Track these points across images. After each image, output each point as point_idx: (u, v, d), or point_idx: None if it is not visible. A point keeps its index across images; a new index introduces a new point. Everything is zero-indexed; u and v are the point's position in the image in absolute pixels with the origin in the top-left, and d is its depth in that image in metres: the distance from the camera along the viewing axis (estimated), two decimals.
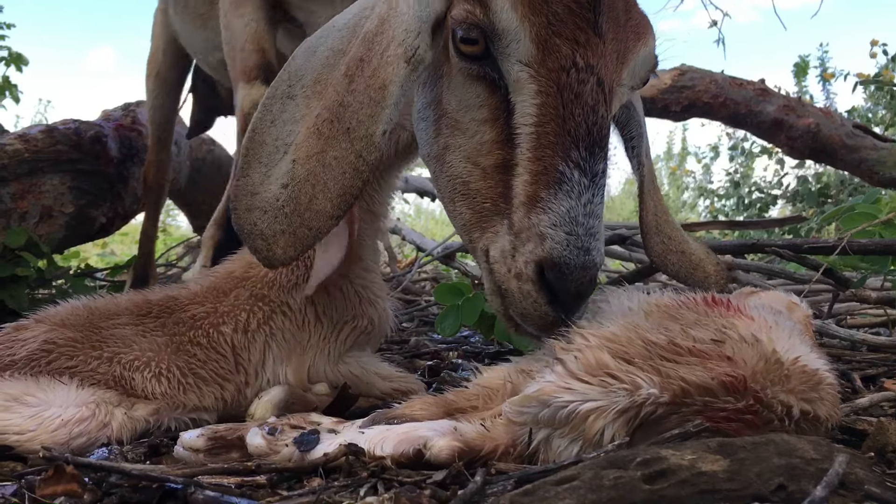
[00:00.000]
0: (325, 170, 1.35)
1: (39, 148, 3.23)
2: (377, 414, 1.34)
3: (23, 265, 2.75)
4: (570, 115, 1.32)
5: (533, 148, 1.34)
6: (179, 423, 1.53)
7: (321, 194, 1.34)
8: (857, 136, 4.86)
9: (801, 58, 9.44)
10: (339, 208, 1.35)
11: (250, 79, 2.35)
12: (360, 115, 1.35)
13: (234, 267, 1.75)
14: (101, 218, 3.57)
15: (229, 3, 2.43)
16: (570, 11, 1.32)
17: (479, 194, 1.41)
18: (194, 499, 1.04)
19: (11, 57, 6.56)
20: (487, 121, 1.40)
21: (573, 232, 1.30)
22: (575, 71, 1.32)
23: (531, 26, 1.31)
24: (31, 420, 1.33)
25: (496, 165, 1.39)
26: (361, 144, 1.35)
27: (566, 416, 1.08)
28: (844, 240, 2.07)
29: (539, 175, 1.33)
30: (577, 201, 1.31)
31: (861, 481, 0.88)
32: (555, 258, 1.29)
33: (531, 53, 1.33)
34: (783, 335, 1.24)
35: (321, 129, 1.36)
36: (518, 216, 1.34)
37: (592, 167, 1.33)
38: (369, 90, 1.36)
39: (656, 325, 1.24)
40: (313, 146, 1.36)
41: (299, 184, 1.35)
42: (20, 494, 1.10)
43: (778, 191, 9.23)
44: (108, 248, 8.69)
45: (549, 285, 1.32)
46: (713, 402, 1.05)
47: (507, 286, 1.36)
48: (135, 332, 1.57)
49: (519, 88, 1.35)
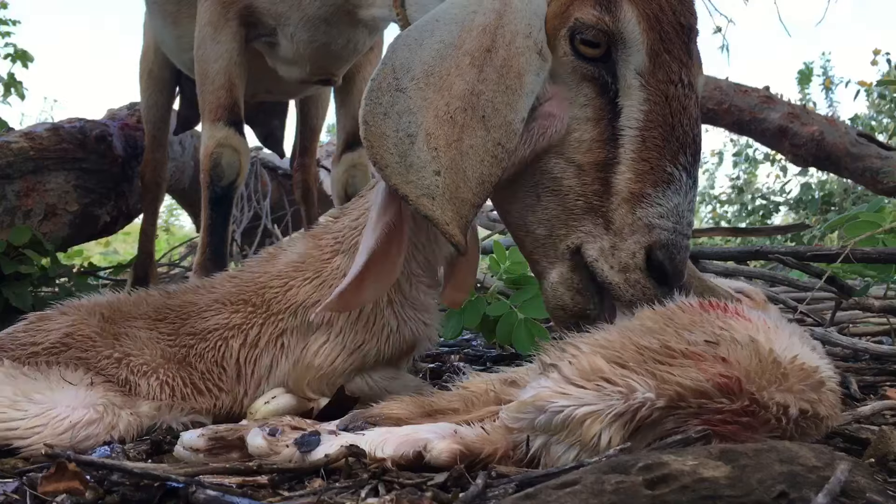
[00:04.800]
0: (463, 158, 1.38)
1: (45, 146, 3.23)
2: (354, 414, 1.34)
3: (26, 263, 2.75)
4: (678, 123, 1.46)
5: (638, 149, 1.45)
6: (179, 423, 1.54)
7: (463, 183, 1.37)
8: (861, 145, 4.85)
9: (806, 65, 9.45)
10: (478, 196, 1.39)
11: (215, 119, 2.40)
12: (495, 103, 1.40)
13: (260, 272, 1.71)
14: (106, 217, 3.58)
15: (206, 31, 2.43)
16: (676, 33, 1.48)
17: (571, 191, 1.49)
18: (195, 498, 1.04)
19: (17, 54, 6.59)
20: (590, 120, 1.49)
21: (680, 222, 1.44)
22: (681, 86, 1.47)
23: (647, 40, 1.45)
24: (38, 418, 1.34)
25: (595, 163, 1.47)
26: (500, 132, 1.39)
27: (562, 421, 1.07)
28: (848, 248, 2.06)
29: (645, 174, 1.44)
30: (683, 198, 1.45)
31: (863, 489, 0.87)
32: (663, 241, 1.43)
33: (644, 64, 1.46)
34: (783, 335, 1.24)
35: (455, 117, 1.39)
36: (620, 213, 1.45)
37: (694, 172, 1.49)
38: (504, 79, 1.41)
39: (648, 330, 1.24)
40: (450, 134, 1.38)
41: (448, 171, 1.37)
42: (22, 491, 1.10)
43: (781, 198, 9.23)
44: (111, 246, 8.70)
45: (656, 269, 1.44)
46: (708, 405, 1.05)
47: (612, 281, 1.46)
48: (149, 336, 1.60)
49: (629, 94, 1.47)
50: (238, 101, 2.44)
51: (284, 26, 2.35)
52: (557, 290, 1.53)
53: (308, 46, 2.38)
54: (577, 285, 1.52)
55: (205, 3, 2.45)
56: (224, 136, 2.37)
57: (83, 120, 3.55)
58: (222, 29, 2.40)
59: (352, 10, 2.23)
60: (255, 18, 2.40)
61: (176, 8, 2.83)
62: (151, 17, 3.15)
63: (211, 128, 2.40)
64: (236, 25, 2.40)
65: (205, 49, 2.44)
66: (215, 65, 2.41)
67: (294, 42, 2.37)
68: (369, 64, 2.80)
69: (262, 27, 2.43)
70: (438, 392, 1.37)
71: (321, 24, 2.30)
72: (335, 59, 2.49)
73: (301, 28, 2.32)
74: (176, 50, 3.04)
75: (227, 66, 2.41)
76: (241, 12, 2.39)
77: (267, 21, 2.39)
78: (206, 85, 2.45)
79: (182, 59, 3.04)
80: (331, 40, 2.38)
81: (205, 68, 2.45)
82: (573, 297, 1.52)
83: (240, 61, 2.44)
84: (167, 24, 2.95)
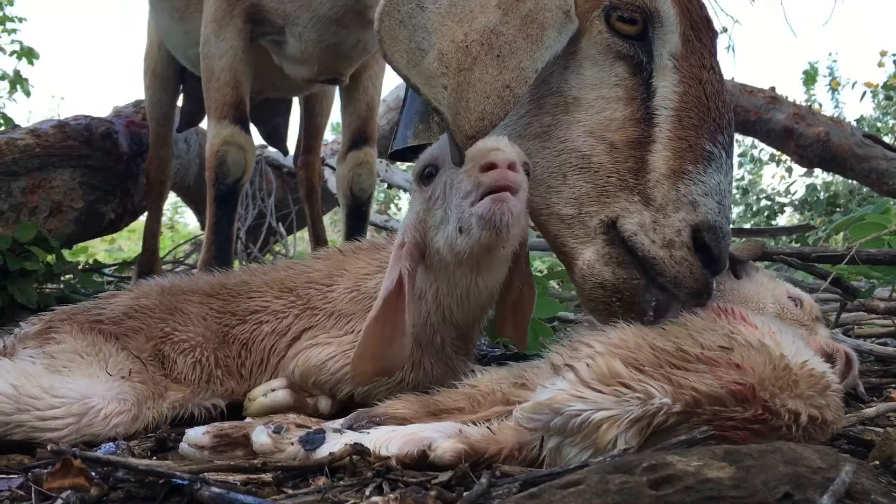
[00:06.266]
0: (469, 88, 1.37)
1: (51, 143, 3.24)
2: (359, 413, 1.34)
3: (32, 260, 2.76)
4: (714, 105, 1.48)
5: (675, 128, 1.46)
6: (199, 409, 1.58)
7: (463, 111, 1.36)
8: (867, 146, 4.84)
9: (811, 65, 9.43)
10: (475, 129, 1.36)
11: (221, 116, 2.40)
12: (513, 46, 1.40)
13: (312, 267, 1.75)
14: (111, 214, 3.59)
15: (211, 28, 2.43)
16: (704, 25, 1.53)
17: (602, 168, 1.47)
18: (200, 495, 1.04)
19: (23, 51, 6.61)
20: (622, 99, 1.49)
21: (723, 202, 1.44)
22: (713, 72, 1.51)
23: (681, 25, 1.49)
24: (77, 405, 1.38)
25: (629, 140, 1.47)
26: (512, 75, 1.38)
27: (579, 425, 1.08)
28: (853, 249, 2.06)
29: (684, 151, 1.44)
30: (724, 177, 1.45)
31: (867, 491, 0.87)
32: (710, 221, 1.41)
33: (678, 47, 1.49)
34: (788, 339, 1.24)
35: (470, 47, 1.38)
36: (661, 189, 1.43)
37: (731, 153, 1.50)
38: (526, 27, 1.41)
39: (662, 331, 1.24)
40: (462, 61, 1.37)
41: (453, 92, 1.35)
42: (27, 487, 1.11)
43: (786, 199, 9.21)
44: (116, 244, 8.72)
45: (702, 251, 1.42)
46: (722, 412, 1.05)
47: (655, 255, 1.42)
48: (198, 311, 1.67)
49: (663, 75, 1.48)
50: (244, 99, 2.44)
51: (293, 25, 2.34)
52: (594, 267, 1.46)
53: (317, 46, 2.37)
54: (617, 258, 1.45)
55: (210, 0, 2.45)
56: (230, 133, 2.37)
57: (89, 117, 3.56)
58: (227, 26, 2.40)
59: (363, 10, 2.22)
60: (263, 16, 2.40)
61: (184, 3, 2.83)
62: (157, 13, 3.15)
63: (217, 125, 2.40)
64: (241, 22, 2.40)
65: (210, 46, 2.44)
66: (220, 62, 2.41)
67: (302, 41, 2.36)
68: (376, 63, 2.79)
69: (268, 25, 2.42)
70: (444, 391, 1.37)
71: (331, 24, 2.29)
72: (344, 59, 2.48)
73: (310, 28, 2.31)
74: (182, 45, 3.04)
75: (232, 63, 2.41)
76: (247, 10, 2.38)
77: (275, 20, 2.38)
78: (211, 82, 2.45)
79: (188, 55, 3.04)
80: (340, 40, 2.37)
81: (210, 65, 2.45)
82: (614, 272, 1.44)
83: (245, 58, 2.43)
84: (174, 20, 2.95)
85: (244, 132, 2.41)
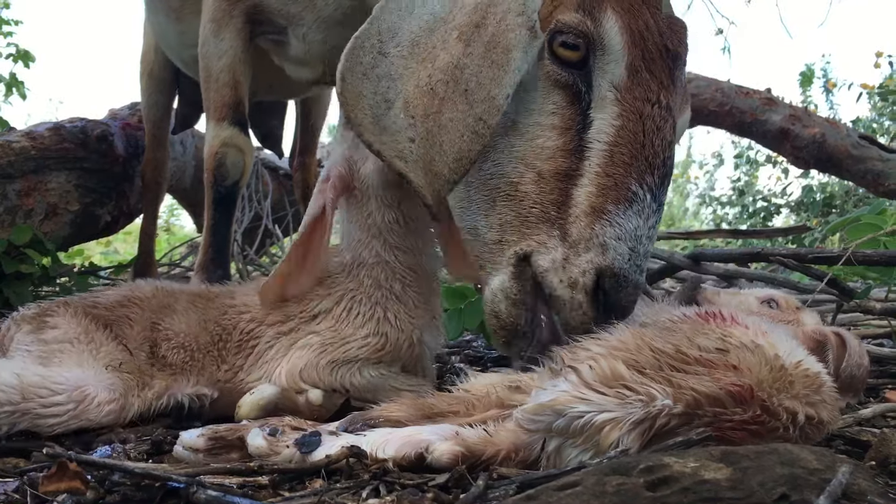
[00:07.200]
0: (441, 131, 1.36)
1: (46, 145, 3.23)
2: (354, 416, 1.33)
3: (27, 262, 2.75)
4: (649, 143, 1.40)
5: (605, 164, 1.40)
6: (185, 396, 1.60)
7: (438, 156, 1.35)
8: (863, 147, 4.85)
9: (808, 66, 9.45)
10: (454, 172, 1.36)
11: (220, 118, 2.38)
12: (479, 77, 1.38)
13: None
14: (107, 216, 3.57)
15: (210, 28, 2.41)
16: (660, 55, 1.44)
17: (527, 197, 1.44)
18: (196, 498, 1.04)
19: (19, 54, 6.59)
20: (556, 128, 1.45)
21: (636, 249, 1.37)
22: (658, 107, 1.42)
23: (628, 55, 1.41)
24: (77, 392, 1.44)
25: (556, 172, 1.43)
26: (482, 107, 1.36)
27: (581, 427, 1.08)
28: (849, 250, 2.06)
29: (608, 189, 1.39)
30: (644, 222, 1.38)
31: (864, 492, 0.87)
32: (615, 269, 1.36)
33: (622, 78, 1.42)
34: (780, 339, 1.25)
35: (435, 88, 1.37)
36: (578, 226, 1.39)
37: (660, 196, 1.42)
38: (490, 54, 1.38)
39: (660, 332, 1.25)
40: (429, 105, 1.37)
41: (423, 141, 1.36)
42: (22, 491, 1.10)
43: (782, 200, 9.22)
44: (112, 246, 8.70)
45: (601, 298, 1.38)
46: (722, 413, 1.06)
47: (558, 294, 1.40)
48: (185, 307, 1.72)
49: (602, 106, 1.43)
50: (242, 100, 2.42)
51: (297, 26, 2.31)
52: (496, 296, 1.47)
53: (321, 47, 2.33)
54: (515, 296, 1.45)
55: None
56: (229, 135, 2.36)
57: (84, 119, 3.55)
58: (226, 26, 2.37)
59: (369, 11, 2.21)
60: (264, 17, 2.37)
61: (180, 3, 2.82)
62: (153, 14, 3.14)
63: (215, 127, 2.38)
64: (241, 22, 2.38)
65: (208, 46, 2.42)
66: (219, 62, 2.39)
67: (306, 43, 2.32)
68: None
69: (270, 25, 2.40)
70: (439, 394, 1.37)
71: (336, 25, 2.25)
72: None
73: (314, 29, 2.28)
74: (178, 46, 3.03)
75: (231, 64, 2.39)
76: (248, 10, 2.36)
77: (277, 20, 2.35)
78: (210, 83, 2.43)
79: (183, 56, 3.03)
80: (344, 42, 2.36)
81: (209, 66, 2.43)
82: (508, 308, 1.46)
83: (244, 59, 2.41)
84: (170, 20, 2.93)
85: (243, 134, 2.40)
